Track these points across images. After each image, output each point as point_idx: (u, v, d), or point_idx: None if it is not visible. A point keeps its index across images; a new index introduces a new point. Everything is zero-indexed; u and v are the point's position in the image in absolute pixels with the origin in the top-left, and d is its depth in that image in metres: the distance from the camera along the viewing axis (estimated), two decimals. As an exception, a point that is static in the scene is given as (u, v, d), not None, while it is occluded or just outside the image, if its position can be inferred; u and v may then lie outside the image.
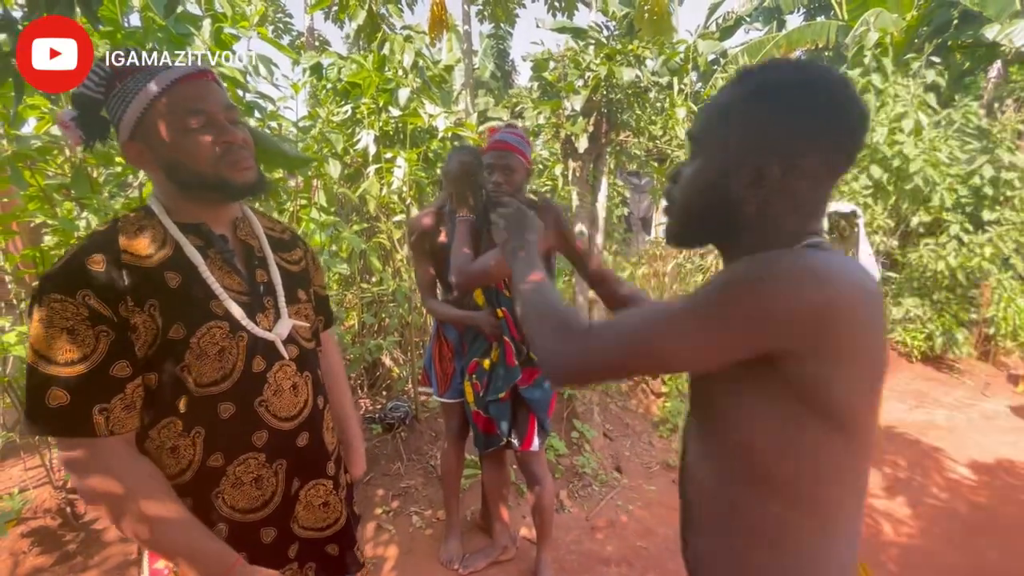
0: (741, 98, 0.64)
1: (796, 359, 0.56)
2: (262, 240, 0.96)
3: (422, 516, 2.42)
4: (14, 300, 2.17)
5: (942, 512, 2.74)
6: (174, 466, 0.81)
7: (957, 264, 4.81)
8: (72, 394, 0.72)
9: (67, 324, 0.71)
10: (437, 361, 2.00)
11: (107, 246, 0.77)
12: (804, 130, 0.61)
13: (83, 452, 0.74)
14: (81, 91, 0.83)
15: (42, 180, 1.87)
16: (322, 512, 0.97)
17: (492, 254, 1.68)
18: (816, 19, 8.70)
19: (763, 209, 0.64)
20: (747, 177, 0.63)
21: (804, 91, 0.61)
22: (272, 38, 2.52)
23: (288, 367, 0.91)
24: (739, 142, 0.63)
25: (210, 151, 0.81)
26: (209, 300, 0.83)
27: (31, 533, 2.05)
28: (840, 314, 0.55)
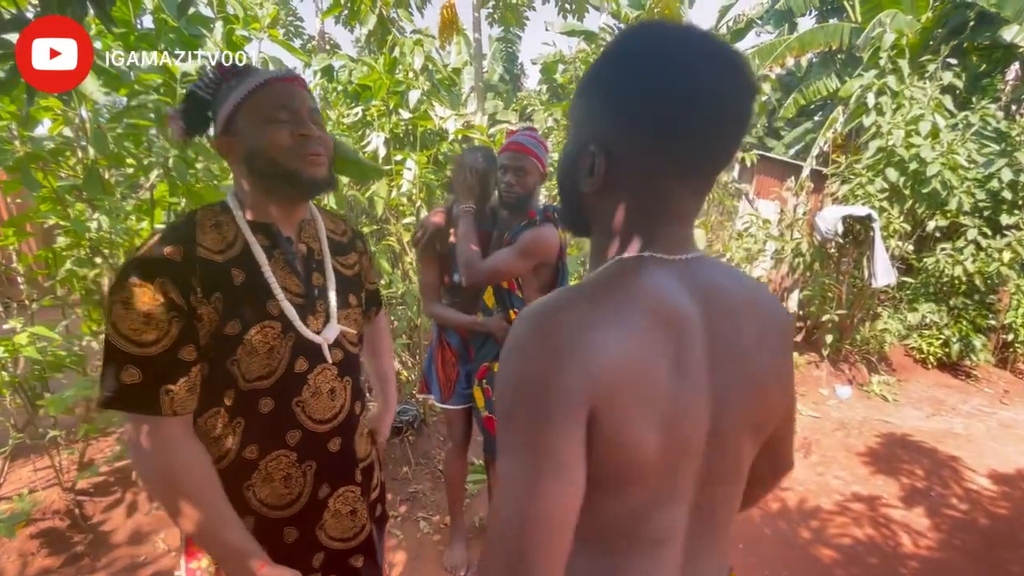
0: (590, 71, 0.56)
1: None
2: (323, 243, 0.99)
3: (430, 522, 2.39)
4: (26, 301, 2.17)
5: (962, 524, 2.67)
6: (215, 453, 0.86)
7: (975, 269, 4.72)
8: (144, 373, 0.77)
9: (145, 307, 0.76)
10: (440, 367, 1.96)
11: (185, 238, 0.82)
12: (629, 119, 0.52)
13: (147, 429, 0.78)
14: (193, 90, 0.90)
15: (55, 182, 1.88)
16: (349, 520, 0.99)
17: (504, 252, 1.67)
18: (829, 21, 8.61)
19: (600, 201, 0.57)
20: (586, 164, 0.55)
21: (636, 69, 0.51)
22: (284, 40, 2.52)
23: (329, 371, 0.94)
24: (581, 122, 0.57)
25: (287, 141, 0.86)
26: (267, 300, 0.87)
27: (40, 534, 2.05)
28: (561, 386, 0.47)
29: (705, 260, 0.58)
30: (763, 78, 4.98)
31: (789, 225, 5.33)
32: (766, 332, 0.58)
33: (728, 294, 0.57)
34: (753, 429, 0.58)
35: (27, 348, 1.76)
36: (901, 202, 4.62)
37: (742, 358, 0.55)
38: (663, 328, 0.50)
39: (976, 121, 4.77)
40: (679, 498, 0.55)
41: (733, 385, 0.55)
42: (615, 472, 0.50)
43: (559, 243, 1.70)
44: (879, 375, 4.87)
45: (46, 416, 1.90)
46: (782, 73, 9.08)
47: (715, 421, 0.54)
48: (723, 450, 0.56)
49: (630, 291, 0.52)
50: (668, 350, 0.50)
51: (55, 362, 1.86)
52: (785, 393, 0.62)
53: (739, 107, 0.51)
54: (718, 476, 0.57)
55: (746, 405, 0.56)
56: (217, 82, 0.89)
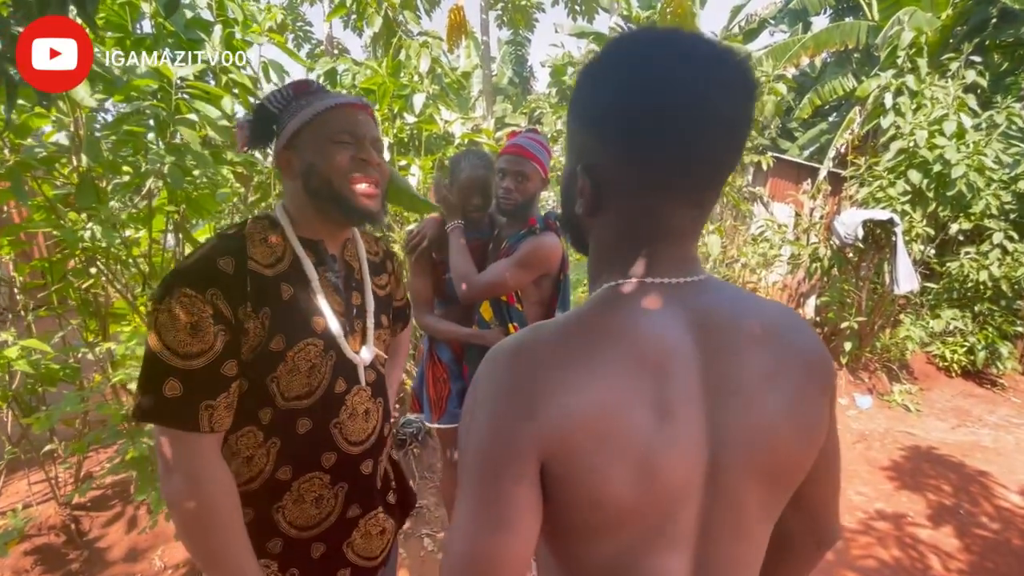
0: (573, 100, 0.53)
1: None
2: (363, 264, 1.00)
3: (434, 538, 2.32)
4: (21, 312, 2.14)
5: (994, 544, 2.53)
6: (245, 474, 0.85)
7: (1001, 274, 4.54)
8: (185, 386, 0.75)
9: (192, 319, 0.75)
10: (431, 384, 1.85)
11: (236, 250, 0.82)
12: (606, 135, 0.48)
13: (181, 445, 0.76)
14: (264, 104, 0.91)
15: (50, 190, 1.84)
16: (379, 540, 1.00)
17: (503, 264, 1.58)
18: (844, 20, 8.44)
19: (593, 227, 0.55)
20: (576, 189, 0.53)
21: (612, 83, 0.47)
22: (286, 45, 2.47)
23: (364, 391, 0.94)
24: (570, 144, 0.55)
25: (346, 163, 0.87)
26: (311, 316, 0.86)
27: (35, 551, 2.00)
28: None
29: (709, 284, 0.53)
30: (778, 78, 4.85)
31: (806, 229, 5.19)
32: (782, 367, 0.51)
33: (732, 322, 0.51)
34: (764, 478, 0.51)
35: (19, 361, 1.71)
36: (924, 205, 4.47)
37: (747, 396, 0.49)
38: (640, 368, 0.47)
39: (1002, 120, 4.60)
40: (674, 547, 0.50)
41: (735, 427, 0.49)
42: (585, 519, 0.48)
43: (561, 253, 1.61)
44: (900, 384, 4.71)
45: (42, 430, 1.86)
46: (796, 73, 8.92)
47: (713, 466, 0.49)
48: (724, 499, 0.50)
49: (604, 327, 0.49)
50: (645, 392, 0.47)
51: (49, 375, 1.82)
52: (811, 444, 0.53)
53: (729, 106, 0.46)
54: (723, 526, 0.51)
55: (750, 450, 0.50)
56: (288, 99, 0.90)
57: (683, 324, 0.49)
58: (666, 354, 0.48)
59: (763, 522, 0.54)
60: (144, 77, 1.78)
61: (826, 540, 0.64)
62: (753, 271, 4.99)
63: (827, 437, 0.56)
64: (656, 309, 0.50)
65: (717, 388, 0.49)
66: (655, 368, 0.47)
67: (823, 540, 0.64)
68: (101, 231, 1.77)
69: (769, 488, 0.52)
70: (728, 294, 0.53)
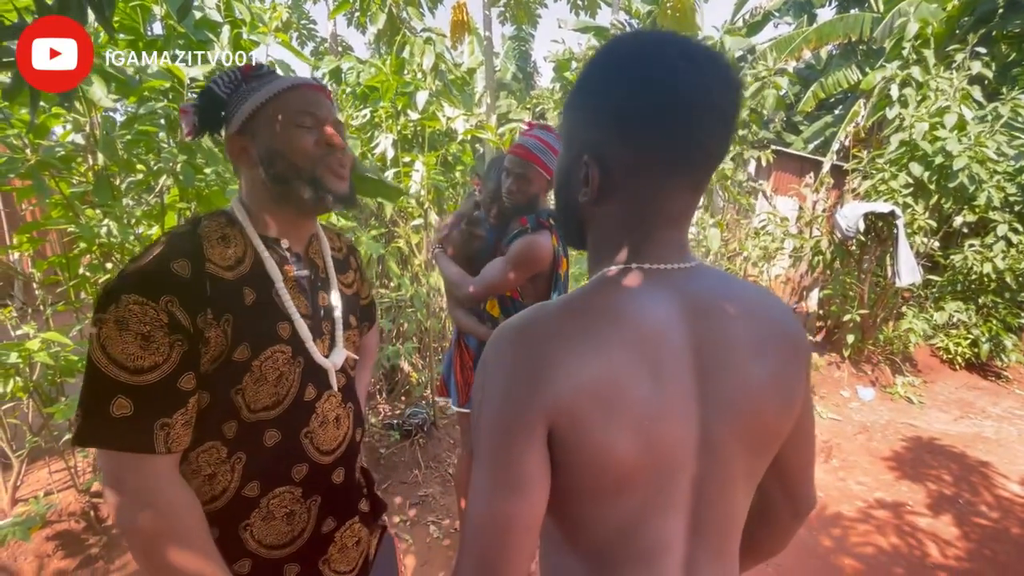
0: (576, 83, 0.56)
1: None
2: (328, 262, 0.94)
3: (440, 526, 2.37)
4: (41, 307, 2.21)
5: (993, 533, 2.56)
6: (207, 493, 0.77)
7: (1006, 266, 4.54)
8: (137, 405, 0.67)
9: (144, 329, 0.67)
10: (458, 370, 1.94)
11: (192, 252, 0.74)
12: (613, 125, 0.52)
13: (132, 469, 0.68)
14: (210, 88, 0.84)
15: (67, 188, 1.90)
16: (355, 551, 0.94)
17: (496, 264, 1.62)
18: (849, 12, 8.38)
19: (595, 213, 0.58)
20: (581, 175, 0.56)
21: (617, 77, 0.52)
22: (291, 44, 2.52)
23: (335, 397, 0.89)
24: (572, 135, 0.58)
25: (312, 149, 0.82)
26: (277, 321, 0.80)
27: (55, 536, 2.08)
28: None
29: (701, 270, 0.58)
30: (779, 72, 4.85)
31: (808, 222, 5.19)
32: (766, 344, 0.57)
33: (721, 304, 0.56)
34: (749, 444, 0.56)
35: (40, 353, 1.78)
36: (926, 197, 4.47)
37: (734, 369, 0.55)
38: (639, 344, 0.51)
39: (1006, 112, 4.58)
40: (673, 508, 0.55)
41: (724, 396, 0.54)
42: (593, 483, 0.52)
43: (552, 251, 1.61)
44: (904, 376, 4.73)
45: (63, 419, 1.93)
46: (800, 66, 8.87)
47: (705, 431, 0.54)
48: (715, 462, 0.55)
49: (603, 306, 0.53)
50: (644, 365, 0.51)
51: (68, 366, 1.88)
52: (790, 412, 0.59)
53: (725, 100, 0.52)
54: (714, 489, 0.56)
55: (738, 416, 0.55)
56: (237, 82, 0.84)
57: (676, 307, 0.54)
58: (661, 333, 0.52)
59: (748, 485, 0.59)
60: (156, 78, 1.83)
61: (802, 509, 0.69)
62: (755, 264, 5.01)
63: (803, 406, 0.61)
64: (652, 292, 0.54)
65: (707, 363, 0.54)
66: (652, 345, 0.52)
67: (799, 509, 0.69)
68: (116, 227, 1.83)
69: (754, 453, 0.57)
70: (717, 279, 0.59)
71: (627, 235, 0.56)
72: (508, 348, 0.52)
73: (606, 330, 0.51)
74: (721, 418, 0.54)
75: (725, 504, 0.58)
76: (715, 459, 0.55)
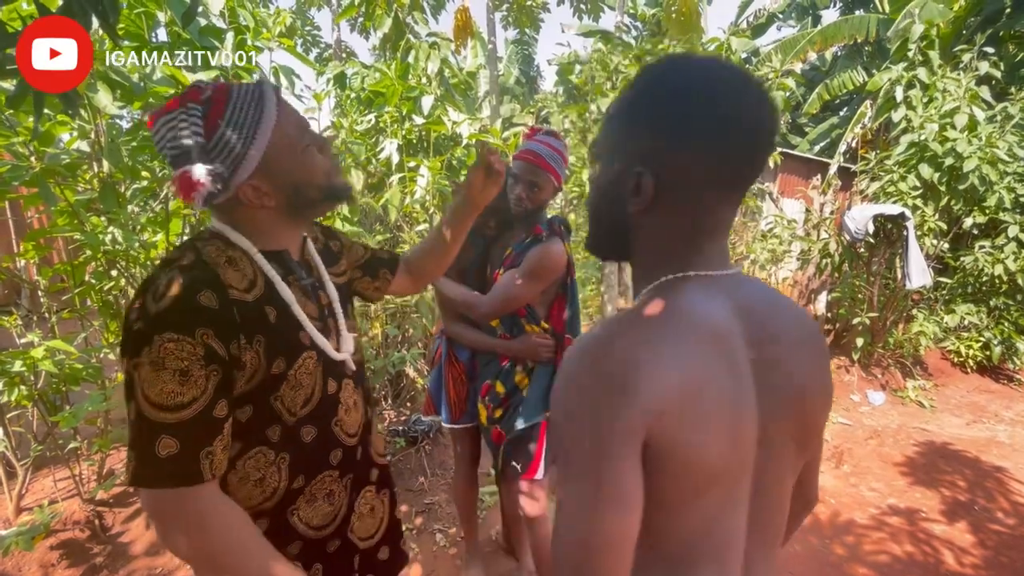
0: (628, 100, 0.59)
1: None
2: (318, 260, 0.96)
3: (446, 534, 2.34)
4: (46, 314, 2.20)
5: (1009, 540, 2.51)
6: (258, 496, 0.81)
7: (1017, 268, 4.48)
8: (181, 440, 0.68)
9: (182, 365, 0.68)
10: (451, 385, 1.84)
11: (212, 281, 0.73)
12: (679, 138, 0.55)
13: (185, 501, 0.69)
14: (183, 145, 0.73)
15: (72, 195, 1.90)
16: (370, 518, 1.00)
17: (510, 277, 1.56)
18: (854, 13, 8.35)
19: (646, 223, 0.60)
20: (630, 185, 0.58)
21: (681, 95, 0.55)
22: (296, 50, 2.52)
23: (349, 384, 0.93)
24: (621, 147, 0.60)
25: (325, 164, 0.82)
26: (298, 331, 0.83)
27: (60, 545, 2.07)
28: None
29: (741, 276, 0.62)
30: (786, 73, 4.83)
31: (816, 225, 5.15)
32: (805, 343, 0.61)
33: (766, 308, 0.60)
34: (797, 438, 0.60)
35: (44, 361, 1.77)
36: (936, 199, 4.42)
37: (784, 367, 0.58)
38: (714, 343, 0.54)
39: (1016, 112, 4.53)
40: (740, 504, 0.57)
41: (777, 393, 0.57)
42: (682, 485, 0.53)
43: (567, 258, 1.58)
44: (914, 380, 4.67)
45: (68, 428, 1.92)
46: (806, 68, 8.83)
47: (763, 430, 0.56)
48: (771, 457, 0.58)
49: (676, 311, 0.55)
50: (722, 368, 0.53)
51: (72, 375, 1.88)
52: (827, 407, 0.63)
53: (773, 123, 0.57)
54: (770, 485, 0.59)
55: (789, 412, 0.58)
56: (205, 117, 0.74)
57: (731, 311, 0.57)
58: (727, 336, 0.55)
59: (793, 479, 0.63)
60: (161, 84, 1.83)
61: (811, 501, 0.73)
62: (763, 267, 4.97)
63: None
64: (712, 297, 0.57)
65: (762, 362, 0.57)
66: (726, 345, 0.54)
67: (809, 501, 0.73)
68: (122, 234, 1.83)
69: (801, 447, 0.61)
70: (756, 284, 0.63)
71: (680, 244, 0.59)
72: (596, 361, 0.52)
73: (685, 333, 0.53)
74: (776, 414, 0.57)
75: (778, 498, 0.61)
76: (771, 454, 0.57)
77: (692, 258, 0.59)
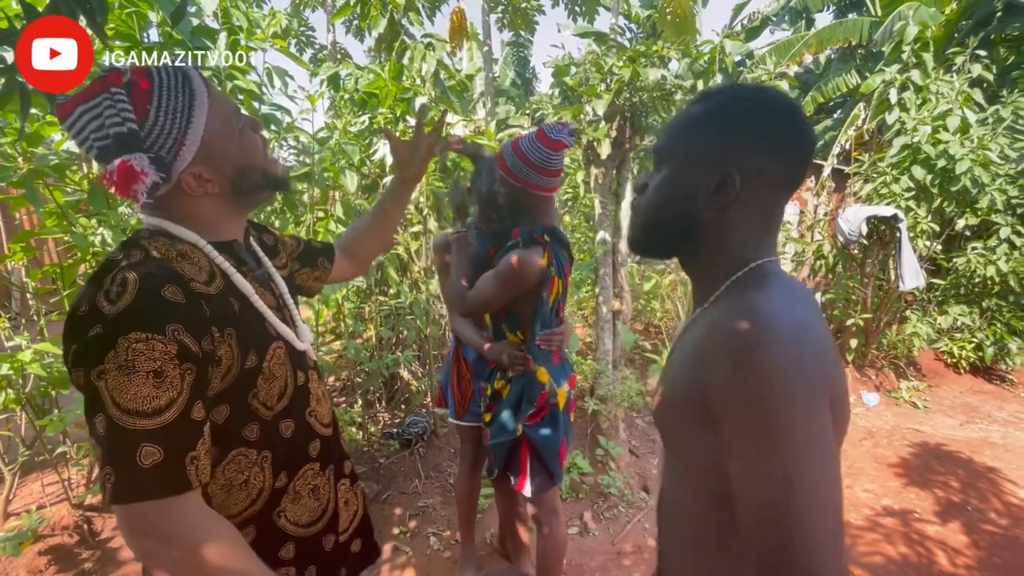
0: (707, 113, 0.68)
1: None
2: (258, 250, 0.93)
3: (440, 537, 2.33)
4: (34, 316, 2.18)
5: (1002, 541, 2.52)
6: (244, 500, 0.77)
7: (1009, 269, 4.50)
8: (165, 447, 0.63)
9: (154, 366, 0.62)
10: (455, 382, 1.88)
11: (172, 275, 0.68)
12: (763, 145, 0.65)
13: (173, 512, 0.64)
14: (117, 131, 0.67)
15: (61, 197, 1.88)
16: (345, 512, 0.97)
17: (486, 280, 1.51)
18: (847, 16, 8.40)
19: (723, 218, 0.67)
20: (712, 184, 0.66)
21: (764, 110, 0.66)
22: (289, 50, 2.50)
23: (314, 375, 0.92)
24: (705, 152, 0.67)
25: (261, 146, 0.79)
26: (263, 322, 0.81)
27: (48, 551, 2.04)
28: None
29: None
30: (780, 75, 4.85)
31: (810, 226, 5.17)
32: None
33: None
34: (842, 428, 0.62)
35: (32, 365, 1.75)
36: (929, 201, 4.44)
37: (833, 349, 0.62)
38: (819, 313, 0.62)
39: (1008, 115, 4.56)
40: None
41: (839, 382, 0.60)
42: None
43: (541, 270, 1.45)
44: (908, 380, 4.68)
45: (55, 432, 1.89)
46: (799, 71, 8.88)
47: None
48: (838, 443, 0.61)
49: (804, 290, 0.65)
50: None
51: (61, 378, 1.85)
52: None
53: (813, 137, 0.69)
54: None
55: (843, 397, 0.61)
56: (128, 101, 0.68)
57: None
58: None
59: None
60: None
61: None
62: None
63: None
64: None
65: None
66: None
67: None
68: (112, 236, 1.81)
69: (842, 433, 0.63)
70: None
71: (757, 235, 0.67)
72: (784, 328, 0.55)
73: (815, 309, 0.61)
74: (840, 401, 0.59)
75: None
76: (838, 440, 0.60)
77: (763, 250, 0.67)
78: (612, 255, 3.21)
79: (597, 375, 3.15)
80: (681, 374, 0.64)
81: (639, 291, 4.81)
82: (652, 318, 4.90)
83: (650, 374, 3.86)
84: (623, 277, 3.23)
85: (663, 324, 4.50)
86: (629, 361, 4.23)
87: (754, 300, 0.59)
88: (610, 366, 3.17)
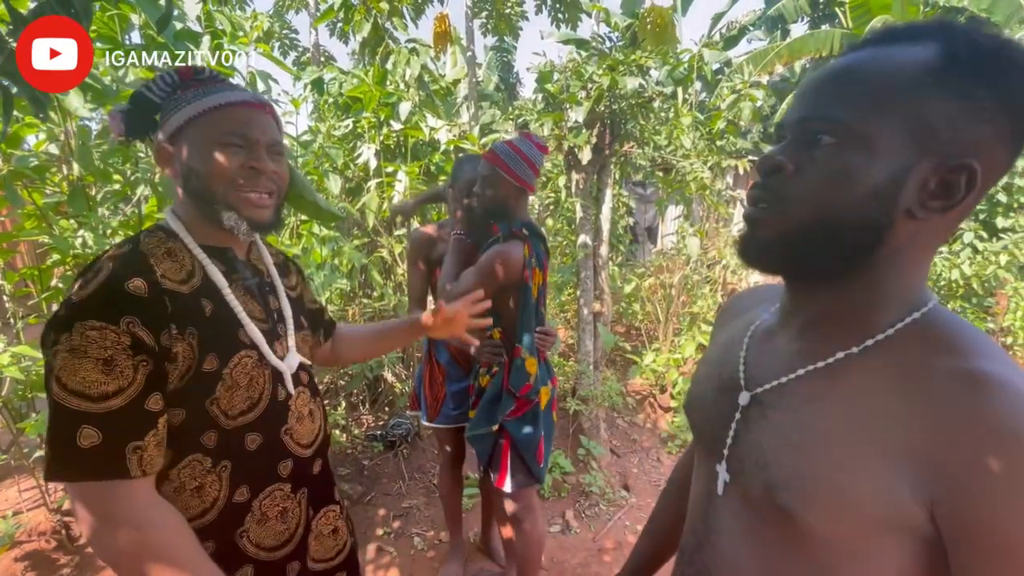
0: (928, 68, 0.43)
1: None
2: (270, 266, 0.95)
3: (424, 537, 2.35)
4: (11, 319, 2.15)
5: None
6: (197, 507, 0.77)
7: (972, 272, 4.71)
8: (105, 432, 0.66)
9: (105, 354, 0.65)
10: (427, 385, 1.90)
11: (143, 269, 0.72)
12: (1004, 129, 0.43)
13: (108, 496, 0.67)
14: (143, 92, 0.81)
15: (40, 199, 1.87)
16: (331, 540, 0.96)
17: (468, 274, 1.55)
18: (821, 28, 8.67)
19: (921, 230, 0.46)
20: (933, 179, 0.44)
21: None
22: (272, 54, 2.52)
23: (304, 393, 0.91)
24: (933, 128, 0.43)
25: (233, 171, 0.79)
26: (237, 328, 0.81)
27: (25, 556, 2.01)
28: None
29: None
30: (755, 84, 5.00)
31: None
32: None
33: None
34: None
35: (10, 368, 1.74)
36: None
37: None
38: None
39: (969, 125, 4.77)
40: None
41: None
42: None
43: (523, 262, 1.49)
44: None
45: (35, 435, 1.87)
46: (775, 79, 9.12)
47: None
48: None
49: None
50: None
51: (39, 381, 1.83)
52: None
53: None
54: None
55: None
56: (173, 86, 0.81)
57: None
58: None
59: None
60: (134, 87, 1.82)
61: None
62: (734, 272, 5.11)
63: None
64: None
65: None
66: None
67: None
68: (92, 238, 1.80)
69: None
70: None
71: (930, 256, 0.49)
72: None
73: None
74: None
75: None
76: None
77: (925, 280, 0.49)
78: (593, 258, 3.28)
79: (579, 376, 3.21)
80: (868, 473, 0.44)
81: (620, 294, 4.89)
82: (633, 320, 4.99)
83: (630, 375, 3.93)
84: (604, 280, 3.29)
85: (643, 326, 4.58)
86: (610, 362, 4.30)
87: (1003, 376, 0.42)
88: (591, 367, 3.23)
